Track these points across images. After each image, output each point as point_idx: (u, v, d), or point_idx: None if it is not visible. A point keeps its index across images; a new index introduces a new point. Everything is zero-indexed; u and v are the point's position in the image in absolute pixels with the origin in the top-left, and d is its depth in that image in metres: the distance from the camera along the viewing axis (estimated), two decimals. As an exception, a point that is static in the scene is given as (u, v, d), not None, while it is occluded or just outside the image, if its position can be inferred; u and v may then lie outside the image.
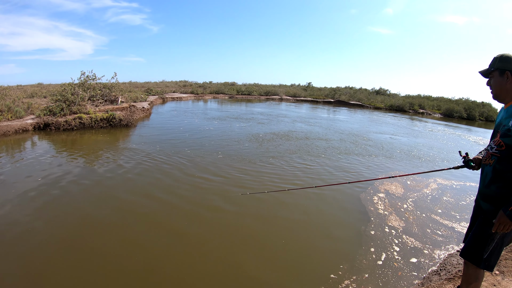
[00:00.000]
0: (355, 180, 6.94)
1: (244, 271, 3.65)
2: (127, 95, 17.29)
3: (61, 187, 5.77)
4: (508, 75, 2.21)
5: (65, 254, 3.74)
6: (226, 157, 8.33)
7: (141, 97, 20.01)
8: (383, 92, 43.31)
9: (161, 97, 25.31)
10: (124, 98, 16.15)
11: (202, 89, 36.02)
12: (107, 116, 12.26)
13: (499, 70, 2.25)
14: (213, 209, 5.20)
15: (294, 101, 36.00)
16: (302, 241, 4.44)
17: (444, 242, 4.56)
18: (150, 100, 20.73)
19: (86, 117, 11.75)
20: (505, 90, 2.25)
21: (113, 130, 11.73)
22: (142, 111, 16.26)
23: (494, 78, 2.31)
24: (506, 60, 2.22)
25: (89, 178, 6.30)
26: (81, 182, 6.09)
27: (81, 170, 6.79)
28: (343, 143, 11.37)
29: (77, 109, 12.08)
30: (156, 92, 27.31)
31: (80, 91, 12.96)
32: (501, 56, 2.26)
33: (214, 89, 37.17)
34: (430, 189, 6.88)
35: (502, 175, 2.18)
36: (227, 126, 13.63)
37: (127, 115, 13.21)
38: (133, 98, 18.24)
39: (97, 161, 7.57)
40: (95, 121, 11.91)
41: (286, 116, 19.02)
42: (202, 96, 32.34)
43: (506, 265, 3.50)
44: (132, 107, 15.57)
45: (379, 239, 4.52)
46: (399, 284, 3.52)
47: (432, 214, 5.49)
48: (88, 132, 11.10)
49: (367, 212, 5.43)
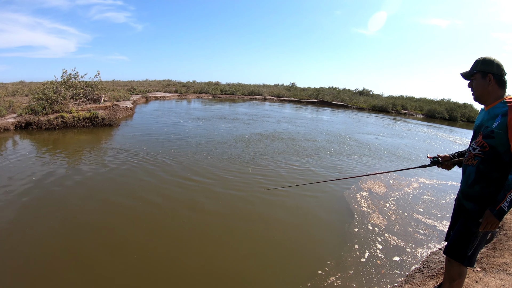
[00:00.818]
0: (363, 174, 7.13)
1: (232, 271, 3.70)
2: (110, 94, 17.11)
3: (43, 188, 5.71)
4: (490, 77, 2.27)
5: (45, 258, 3.70)
6: (214, 158, 8.36)
7: (124, 96, 19.83)
8: (366, 93, 43.93)
9: (145, 96, 25.10)
10: (107, 97, 15.99)
11: (185, 88, 35.88)
12: (89, 115, 12.13)
13: (481, 72, 2.31)
14: (198, 210, 5.23)
15: (277, 101, 36.12)
16: (290, 238, 4.53)
17: (426, 241, 4.68)
18: (133, 99, 20.50)
19: (68, 116, 11.60)
20: (487, 92, 2.32)
21: (95, 130, 11.60)
22: (125, 110, 16.13)
23: (476, 80, 2.37)
24: (488, 63, 2.28)
25: (72, 179, 6.24)
26: (64, 183, 6.02)
27: (64, 171, 6.71)
28: (330, 144, 11.54)
29: (59, 108, 11.89)
30: (139, 91, 27.02)
31: (62, 90, 12.76)
32: (484, 59, 2.32)
33: (198, 89, 37.01)
34: (412, 188, 7.06)
35: (486, 175, 2.25)
36: (212, 127, 13.59)
37: (110, 114, 13.06)
38: (116, 97, 18.02)
39: (80, 161, 7.49)
40: (77, 120, 11.76)
41: (271, 117, 19.13)
42: (185, 95, 32.18)
43: (488, 262, 3.57)
44: (115, 106, 15.40)
45: (363, 237, 4.63)
46: (382, 281, 3.62)
47: (414, 213, 5.64)
48: (70, 132, 10.97)
49: (351, 210, 5.58)
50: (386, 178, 7.64)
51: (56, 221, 4.57)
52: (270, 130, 13.60)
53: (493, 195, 2.17)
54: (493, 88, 2.28)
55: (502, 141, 2.15)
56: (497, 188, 2.16)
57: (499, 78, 2.27)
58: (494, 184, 2.19)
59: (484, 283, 3.10)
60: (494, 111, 2.25)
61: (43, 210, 4.89)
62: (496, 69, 2.26)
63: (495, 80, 2.27)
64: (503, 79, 2.28)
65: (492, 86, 2.28)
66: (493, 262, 3.55)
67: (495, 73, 2.26)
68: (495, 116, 2.21)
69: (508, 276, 3.22)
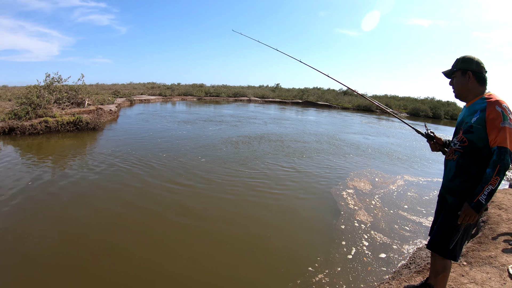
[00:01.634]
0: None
1: (223, 271, 3.74)
2: (94, 97, 16.90)
3: (27, 194, 5.63)
4: (469, 75, 2.34)
5: (30, 264, 3.66)
6: (204, 162, 8.41)
7: (109, 100, 19.64)
8: (350, 93, 44.50)
9: (129, 100, 24.88)
10: (91, 100, 15.79)
11: (170, 91, 35.68)
12: (73, 120, 12.00)
13: (461, 70, 2.38)
14: (187, 214, 5.29)
15: (262, 102, 36.30)
16: (280, 235, 4.63)
17: (411, 237, 4.78)
18: (118, 103, 20.35)
19: (52, 120, 11.46)
20: (467, 89, 2.38)
21: (80, 134, 11.49)
22: (110, 114, 16.00)
23: (456, 78, 2.44)
24: (468, 61, 2.35)
25: (57, 185, 6.15)
26: (48, 189, 5.93)
27: (49, 177, 6.63)
28: (320, 145, 11.70)
29: (43, 112, 11.73)
30: (123, 95, 26.73)
31: (46, 94, 12.60)
32: (463, 58, 2.39)
33: (183, 91, 36.89)
34: (396, 185, 7.23)
35: (465, 169, 2.31)
36: (200, 130, 13.50)
37: (94, 118, 12.96)
38: (100, 101, 17.87)
39: (65, 167, 7.41)
40: (61, 124, 11.62)
41: (257, 118, 19.23)
42: (170, 98, 32.04)
43: (473, 256, 3.62)
44: (99, 110, 15.25)
45: (350, 234, 4.74)
46: (368, 279, 3.69)
47: (399, 210, 5.76)
48: (54, 136, 10.85)
49: (338, 207, 5.71)
50: (372, 176, 7.82)
51: (42, 228, 4.53)
52: (258, 132, 13.64)
53: (472, 189, 2.21)
54: (472, 85, 2.36)
55: (481, 136, 2.21)
56: (476, 182, 2.21)
57: (478, 75, 2.34)
58: (473, 178, 2.25)
59: (470, 277, 3.14)
60: (474, 107, 2.32)
61: (29, 217, 4.84)
62: (476, 67, 2.33)
63: (474, 77, 2.34)
64: (483, 76, 2.35)
65: (472, 83, 2.35)
66: (478, 256, 3.62)
67: (475, 71, 2.33)
68: (475, 111, 2.28)
69: (494, 269, 3.28)
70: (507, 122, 2.11)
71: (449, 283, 2.93)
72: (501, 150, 2.08)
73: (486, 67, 2.37)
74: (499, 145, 2.10)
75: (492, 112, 2.16)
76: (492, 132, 2.15)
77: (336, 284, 3.55)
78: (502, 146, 2.08)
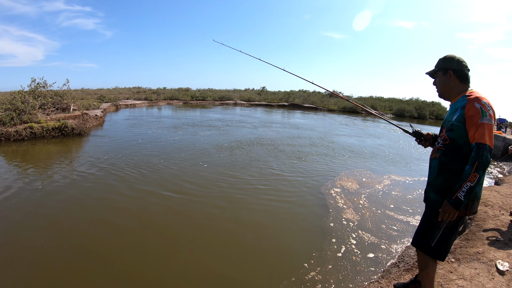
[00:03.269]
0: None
1: (220, 271, 3.77)
2: (79, 102, 16.80)
3: (11, 202, 5.55)
4: (450, 74, 2.37)
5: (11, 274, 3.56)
6: (197, 168, 8.42)
7: (94, 105, 19.53)
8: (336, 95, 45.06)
9: (115, 104, 24.75)
10: (76, 105, 15.69)
11: (156, 95, 35.61)
12: (59, 125, 11.87)
13: (442, 69, 2.42)
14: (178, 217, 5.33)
15: (248, 106, 36.52)
16: (277, 234, 4.77)
17: (398, 236, 4.86)
18: (103, 108, 20.22)
19: (37, 126, 11.33)
20: (448, 88, 2.42)
21: (65, 140, 11.39)
22: (95, 119, 15.92)
23: (438, 78, 2.48)
24: (448, 61, 2.39)
25: (41, 193, 6.00)
26: (33, 197, 5.80)
27: (34, 185, 6.49)
28: (315, 148, 11.82)
29: (27, 118, 11.60)
30: (109, 99, 26.58)
31: (30, 99, 12.48)
32: (445, 57, 2.43)
33: (168, 95, 36.89)
34: (383, 185, 7.39)
35: (448, 167, 2.32)
36: (190, 136, 13.29)
37: (79, 124, 12.85)
38: (85, 106, 17.75)
39: (50, 174, 7.28)
40: (46, 130, 11.50)
41: (246, 122, 19.33)
42: (156, 102, 31.97)
43: (461, 252, 3.66)
44: (84, 115, 15.20)
45: (339, 231, 4.86)
46: (356, 278, 3.77)
47: (386, 210, 5.88)
48: (39, 142, 10.74)
49: (327, 205, 5.88)
50: (360, 175, 8.01)
51: (27, 236, 4.45)
52: (250, 137, 13.63)
53: (454, 186, 2.21)
54: (454, 83, 2.39)
55: (461, 133, 2.23)
56: (458, 179, 2.20)
57: (459, 74, 2.37)
58: (455, 175, 2.25)
59: (459, 273, 3.17)
60: (456, 105, 2.35)
61: (11, 227, 4.74)
62: (456, 65, 2.36)
63: (455, 76, 2.37)
64: (464, 74, 2.37)
65: (453, 81, 2.38)
66: (466, 252, 3.66)
67: (455, 69, 2.36)
68: (456, 110, 2.31)
69: (482, 264, 3.33)
70: (485, 119, 2.12)
71: (438, 279, 3.00)
72: (479, 146, 2.09)
73: (468, 65, 2.40)
74: (477, 141, 2.11)
75: (471, 109, 2.18)
76: (471, 129, 2.16)
77: (327, 283, 3.61)
78: (481, 142, 2.09)
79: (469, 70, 2.39)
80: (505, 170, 10.89)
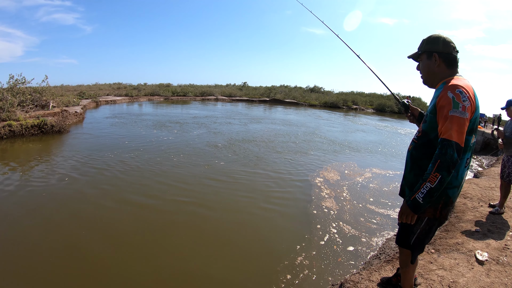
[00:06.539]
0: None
1: (214, 261, 3.89)
2: (58, 99, 16.60)
3: None
4: (436, 57, 2.04)
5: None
6: (191, 168, 8.47)
7: (74, 101, 19.23)
8: (317, 90, 45.60)
9: (95, 101, 24.40)
10: (55, 102, 15.52)
11: (136, 91, 35.20)
12: (38, 123, 11.69)
13: (426, 52, 2.08)
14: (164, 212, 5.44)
15: (229, 101, 36.64)
16: (266, 218, 5.17)
17: (379, 229, 5.01)
18: (83, 104, 19.94)
19: (16, 124, 11.12)
20: (433, 73, 2.08)
21: (45, 137, 11.24)
22: (75, 116, 15.76)
23: (422, 62, 2.14)
24: (433, 42, 2.05)
25: (20, 194, 5.86)
26: (12, 198, 5.65)
27: (13, 185, 6.32)
28: (308, 144, 12.05)
29: (6, 116, 11.38)
30: (89, 96, 26.15)
31: (9, 97, 12.24)
32: (429, 38, 2.09)
33: (149, 91, 36.50)
34: (364, 177, 7.69)
35: (417, 162, 2.10)
36: (182, 135, 13.16)
37: (59, 121, 12.69)
38: (65, 103, 17.51)
39: (30, 174, 7.13)
40: (25, 128, 11.29)
41: (234, 118, 19.44)
42: (136, 98, 31.62)
43: (441, 243, 3.70)
44: (64, 112, 15.04)
45: (323, 219, 5.15)
46: (336, 271, 3.94)
47: (367, 204, 6.07)
48: (18, 141, 10.56)
49: (311, 195, 6.19)
50: (343, 168, 8.24)
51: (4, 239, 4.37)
52: (240, 134, 13.75)
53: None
54: (439, 68, 2.05)
55: (432, 126, 1.97)
56: None
57: (446, 57, 2.03)
58: (422, 172, 1.98)
59: (439, 264, 3.18)
60: (435, 93, 2.05)
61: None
62: (443, 47, 2.03)
63: (441, 60, 2.03)
64: (452, 56, 2.03)
65: (439, 66, 2.04)
66: (446, 243, 3.69)
67: (441, 52, 2.03)
68: (433, 98, 2.04)
69: (462, 255, 3.36)
70: (456, 111, 1.80)
71: (418, 270, 3.05)
72: (444, 143, 1.79)
73: (457, 46, 2.06)
74: (442, 136, 1.82)
75: (442, 98, 1.89)
76: (439, 122, 1.88)
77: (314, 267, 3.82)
78: (446, 138, 1.79)
79: (458, 52, 2.06)
80: (484, 163, 11.30)
